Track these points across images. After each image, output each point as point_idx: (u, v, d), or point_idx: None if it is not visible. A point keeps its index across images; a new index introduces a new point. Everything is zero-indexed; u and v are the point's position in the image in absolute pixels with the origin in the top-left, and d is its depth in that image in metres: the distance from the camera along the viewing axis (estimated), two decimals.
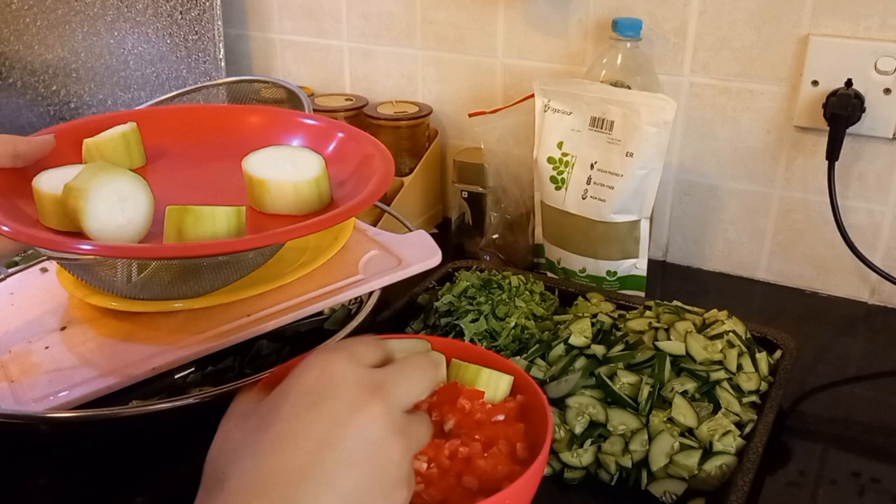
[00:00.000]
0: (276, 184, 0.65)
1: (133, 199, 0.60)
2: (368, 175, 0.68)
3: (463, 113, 1.09)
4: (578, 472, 0.64)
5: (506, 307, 0.79)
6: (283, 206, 0.66)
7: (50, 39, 1.32)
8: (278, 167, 0.67)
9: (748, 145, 0.96)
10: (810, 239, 0.96)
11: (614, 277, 0.91)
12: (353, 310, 0.76)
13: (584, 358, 0.71)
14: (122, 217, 0.60)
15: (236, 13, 1.26)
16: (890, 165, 0.90)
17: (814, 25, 0.88)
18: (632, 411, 0.65)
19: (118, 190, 0.60)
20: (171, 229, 0.59)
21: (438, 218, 1.18)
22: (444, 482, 0.51)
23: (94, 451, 0.66)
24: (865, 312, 0.95)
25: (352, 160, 0.72)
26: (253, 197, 0.67)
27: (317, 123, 0.78)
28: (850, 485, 0.66)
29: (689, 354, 0.69)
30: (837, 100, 0.87)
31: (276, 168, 0.66)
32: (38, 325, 0.69)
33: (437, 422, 0.56)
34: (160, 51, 1.23)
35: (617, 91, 0.88)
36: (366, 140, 0.74)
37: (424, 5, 1.10)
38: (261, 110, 0.82)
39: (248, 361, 0.72)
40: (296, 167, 0.67)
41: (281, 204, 0.66)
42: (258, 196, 0.66)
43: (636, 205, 0.88)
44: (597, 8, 0.99)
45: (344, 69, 1.21)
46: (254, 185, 0.66)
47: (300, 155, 0.68)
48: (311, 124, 0.78)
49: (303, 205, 0.66)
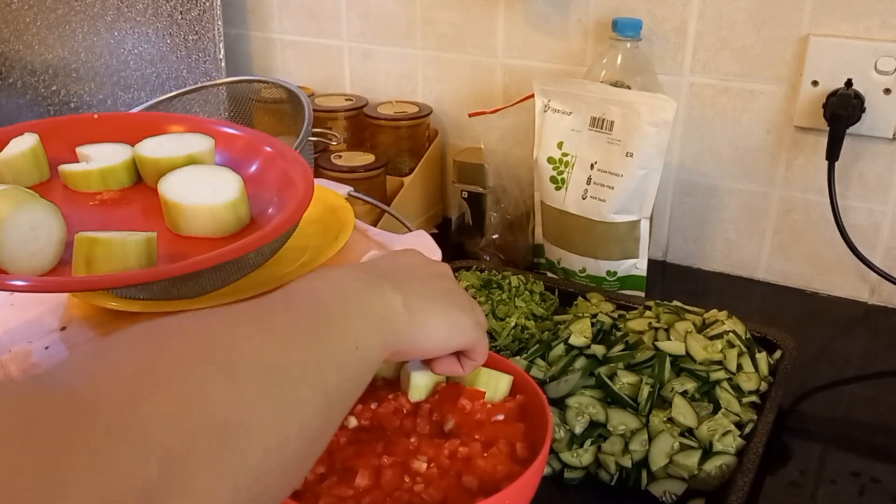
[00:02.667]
0: (192, 208, 0.64)
1: (46, 226, 0.59)
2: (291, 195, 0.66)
3: (463, 113, 1.09)
4: (578, 472, 0.64)
5: (506, 307, 0.79)
6: (200, 230, 0.64)
7: (50, 39, 1.32)
8: (195, 189, 0.65)
9: (748, 145, 0.96)
10: (810, 239, 0.96)
11: (614, 277, 0.91)
12: None
13: (584, 358, 0.71)
14: (34, 245, 0.58)
15: (236, 13, 1.26)
16: (890, 165, 0.90)
17: (814, 25, 0.88)
18: (632, 411, 0.65)
19: (31, 219, 0.58)
20: (80, 260, 0.57)
21: (438, 218, 1.18)
22: (444, 482, 0.51)
23: None
24: (865, 312, 0.95)
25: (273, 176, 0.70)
26: (169, 218, 0.65)
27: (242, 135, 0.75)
28: (850, 485, 0.66)
29: (689, 354, 0.69)
30: (837, 100, 0.87)
31: (192, 190, 0.64)
32: (38, 325, 0.69)
33: (437, 422, 0.56)
34: (160, 51, 1.23)
35: (617, 91, 0.88)
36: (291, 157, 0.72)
37: (424, 5, 1.10)
38: (182, 119, 0.79)
39: None
40: (213, 189, 0.65)
41: (197, 227, 0.64)
42: (174, 219, 0.65)
43: (636, 205, 0.88)
44: (597, 8, 0.99)
45: (344, 69, 1.21)
46: (169, 207, 0.64)
47: (219, 175, 0.66)
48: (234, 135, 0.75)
49: (220, 228, 0.64)
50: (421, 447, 0.53)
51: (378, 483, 0.51)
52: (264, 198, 0.68)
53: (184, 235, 0.65)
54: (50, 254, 0.60)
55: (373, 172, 1.02)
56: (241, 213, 0.65)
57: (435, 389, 0.58)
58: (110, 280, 0.58)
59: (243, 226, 0.65)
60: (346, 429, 0.55)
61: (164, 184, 0.65)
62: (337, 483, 0.51)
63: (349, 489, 0.50)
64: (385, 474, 0.51)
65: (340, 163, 1.03)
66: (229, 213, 0.64)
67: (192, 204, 0.64)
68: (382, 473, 0.51)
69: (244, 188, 0.66)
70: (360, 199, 0.89)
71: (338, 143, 1.05)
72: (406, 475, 0.51)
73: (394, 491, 0.50)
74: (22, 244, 0.58)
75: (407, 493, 0.50)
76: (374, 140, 1.11)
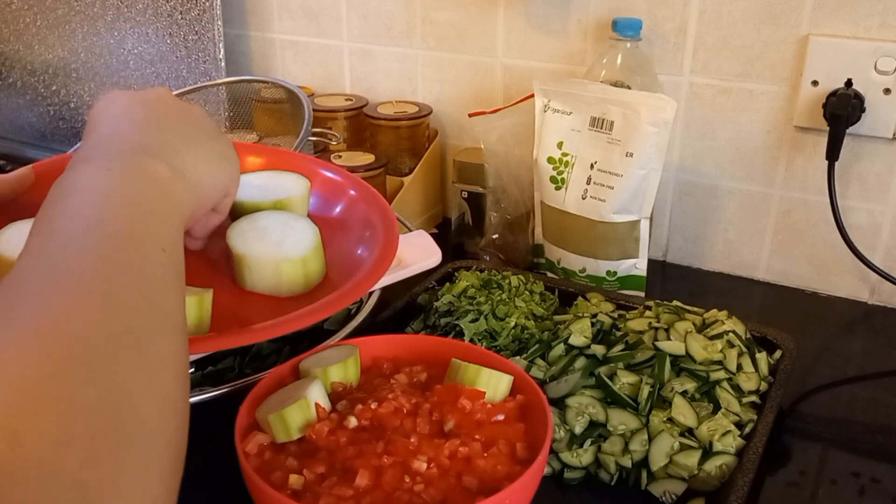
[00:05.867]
0: (256, 260, 0.58)
1: None
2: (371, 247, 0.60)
3: (463, 113, 1.09)
4: (578, 472, 0.64)
5: (506, 307, 0.79)
6: (263, 287, 0.59)
7: (50, 39, 1.32)
8: (264, 239, 0.59)
9: (748, 145, 0.96)
10: (810, 239, 0.96)
11: (614, 277, 0.91)
12: (353, 310, 0.76)
13: (584, 358, 0.71)
14: None
15: (236, 13, 1.26)
16: (890, 165, 0.90)
17: (814, 25, 0.88)
18: (632, 411, 0.65)
19: None
20: None
21: (438, 218, 1.18)
22: (444, 482, 0.51)
23: None
24: (865, 312, 0.95)
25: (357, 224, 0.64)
26: (236, 270, 0.60)
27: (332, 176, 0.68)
28: (850, 485, 0.66)
29: (689, 354, 0.69)
30: (837, 100, 0.87)
31: (260, 240, 0.59)
32: None
33: (437, 422, 0.56)
34: (160, 51, 1.23)
35: (617, 91, 0.88)
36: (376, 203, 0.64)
37: (424, 5, 1.10)
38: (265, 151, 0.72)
39: (248, 361, 0.72)
40: (283, 240, 0.59)
41: (260, 284, 0.59)
42: (238, 271, 0.59)
43: (636, 205, 0.88)
44: (597, 8, 0.99)
45: (344, 69, 1.21)
46: (234, 259, 0.59)
47: (293, 225, 0.60)
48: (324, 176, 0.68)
49: (285, 286, 0.58)
50: (421, 447, 0.53)
51: (378, 483, 0.51)
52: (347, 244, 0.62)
53: (247, 291, 0.60)
54: None
55: (373, 172, 1.02)
56: (311, 271, 0.59)
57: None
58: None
59: (312, 286, 0.60)
60: (347, 429, 0.55)
61: (232, 231, 0.60)
62: (337, 483, 0.51)
63: (349, 489, 0.50)
64: (385, 474, 0.51)
65: (340, 163, 1.03)
66: (296, 271, 0.58)
67: (256, 256, 0.58)
68: (382, 473, 0.51)
69: (319, 242, 0.59)
70: None
71: (338, 143, 1.05)
72: (406, 475, 0.51)
73: (394, 491, 0.50)
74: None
75: (407, 493, 0.50)
76: (374, 140, 1.11)
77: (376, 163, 1.03)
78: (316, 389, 0.56)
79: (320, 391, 0.57)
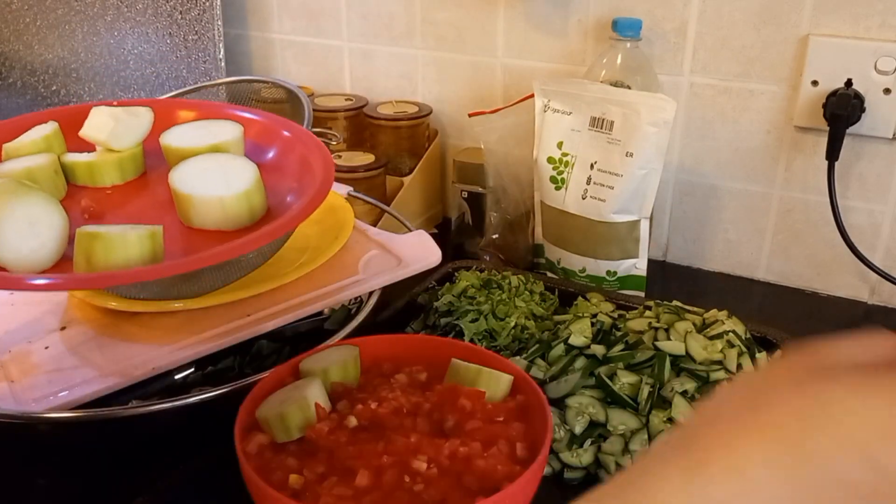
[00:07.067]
0: (202, 199, 0.61)
1: (46, 221, 0.57)
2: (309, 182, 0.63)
3: (463, 113, 1.09)
4: (578, 472, 0.64)
5: (506, 307, 0.79)
6: (211, 222, 0.62)
7: (50, 39, 1.32)
8: (206, 180, 0.62)
9: (748, 145, 0.96)
10: (810, 239, 0.96)
11: (614, 277, 0.91)
12: (353, 310, 0.76)
13: (583, 358, 0.71)
14: (34, 241, 0.57)
15: (236, 13, 1.26)
16: (890, 165, 0.90)
17: (814, 25, 0.88)
18: (632, 411, 0.65)
19: (28, 214, 0.56)
20: (80, 257, 0.55)
21: (438, 218, 1.18)
22: (444, 482, 0.51)
23: (94, 451, 0.66)
24: (865, 312, 0.95)
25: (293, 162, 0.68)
26: (181, 211, 0.63)
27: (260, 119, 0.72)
28: None
29: (689, 354, 0.69)
30: (837, 100, 0.87)
31: (203, 181, 0.62)
32: (38, 325, 0.69)
33: (437, 421, 0.56)
34: (160, 51, 1.24)
35: (617, 91, 0.88)
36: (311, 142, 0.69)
37: (424, 5, 1.10)
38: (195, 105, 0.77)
39: (249, 361, 0.72)
40: (226, 179, 0.62)
41: (208, 220, 0.62)
42: (184, 211, 0.62)
43: (636, 205, 0.88)
44: (597, 8, 0.99)
45: (344, 69, 1.21)
46: (180, 199, 0.62)
47: (232, 164, 0.64)
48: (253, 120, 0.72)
49: (231, 221, 0.62)
50: (421, 447, 0.53)
51: (378, 483, 0.51)
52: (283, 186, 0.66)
53: (195, 228, 0.63)
54: (52, 250, 0.58)
55: (373, 172, 1.02)
56: (255, 204, 0.63)
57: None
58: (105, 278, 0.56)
59: (257, 218, 0.63)
60: (347, 429, 0.55)
61: (174, 174, 0.63)
62: (337, 483, 0.51)
63: (349, 489, 0.50)
64: (385, 474, 0.51)
65: (340, 163, 1.03)
66: (241, 205, 0.62)
67: (202, 195, 0.61)
68: (382, 473, 0.51)
69: (259, 178, 0.63)
70: (360, 199, 0.89)
71: (338, 143, 1.05)
72: (406, 475, 0.51)
73: (394, 491, 0.50)
74: (21, 240, 0.56)
75: (407, 493, 0.50)
76: (374, 140, 1.11)
77: (376, 163, 1.03)
78: (316, 389, 0.56)
79: (320, 391, 0.57)
